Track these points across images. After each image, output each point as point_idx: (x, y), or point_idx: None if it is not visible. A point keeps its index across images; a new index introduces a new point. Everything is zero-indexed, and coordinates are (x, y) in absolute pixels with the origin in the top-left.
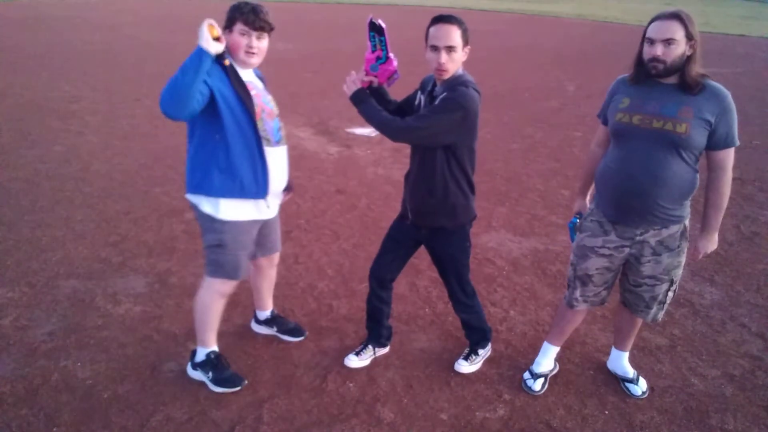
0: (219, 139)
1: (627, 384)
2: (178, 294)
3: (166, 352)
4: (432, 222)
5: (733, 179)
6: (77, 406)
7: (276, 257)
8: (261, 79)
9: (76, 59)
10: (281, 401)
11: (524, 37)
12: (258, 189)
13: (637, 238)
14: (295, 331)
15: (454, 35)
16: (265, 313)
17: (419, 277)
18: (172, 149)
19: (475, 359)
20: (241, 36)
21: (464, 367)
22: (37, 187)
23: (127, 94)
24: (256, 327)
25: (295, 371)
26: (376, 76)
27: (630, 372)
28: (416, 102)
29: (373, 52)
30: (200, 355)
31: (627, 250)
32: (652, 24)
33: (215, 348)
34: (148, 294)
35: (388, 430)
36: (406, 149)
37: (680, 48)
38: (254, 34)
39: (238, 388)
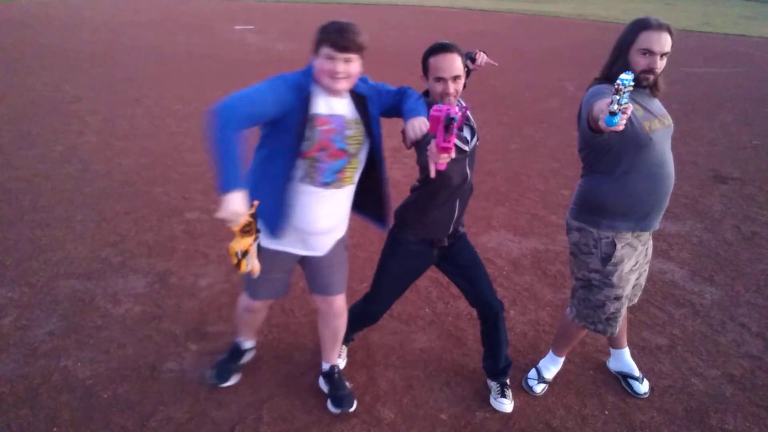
0: (258, 160)
1: (631, 381)
2: (178, 294)
3: (166, 352)
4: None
5: (733, 179)
6: (77, 406)
7: (336, 303)
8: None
9: (76, 59)
10: (281, 401)
11: (524, 37)
12: (269, 226)
13: (650, 234)
14: (343, 401)
15: (459, 64)
16: (324, 365)
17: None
18: (172, 149)
19: (509, 391)
20: (326, 60)
21: (508, 404)
22: (37, 187)
23: (127, 94)
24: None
25: (295, 371)
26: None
27: (636, 370)
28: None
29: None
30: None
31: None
32: (647, 34)
33: (248, 344)
34: (148, 294)
35: (388, 430)
36: (406, 149)
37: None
38: (341, 57)
39: (223, 384)
